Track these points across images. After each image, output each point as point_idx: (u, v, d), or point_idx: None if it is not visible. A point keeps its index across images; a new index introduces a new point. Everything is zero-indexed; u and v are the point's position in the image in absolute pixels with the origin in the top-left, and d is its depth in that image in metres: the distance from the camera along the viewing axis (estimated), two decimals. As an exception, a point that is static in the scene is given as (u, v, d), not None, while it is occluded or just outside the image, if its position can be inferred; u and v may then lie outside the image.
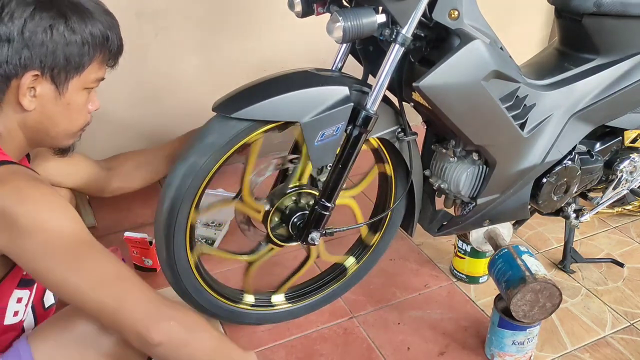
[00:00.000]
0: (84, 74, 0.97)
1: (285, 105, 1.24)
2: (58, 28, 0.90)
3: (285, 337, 1.58)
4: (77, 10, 0.93)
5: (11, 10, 0.87)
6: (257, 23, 2.26)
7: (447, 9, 1.22)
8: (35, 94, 0.94)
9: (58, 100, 0.97)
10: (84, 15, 0.94)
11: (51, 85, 0.95)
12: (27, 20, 0.88)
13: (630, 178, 1.73)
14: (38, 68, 0.92)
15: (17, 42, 0.88)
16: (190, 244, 1.39)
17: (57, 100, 0.97)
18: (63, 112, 0.99)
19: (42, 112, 0.96)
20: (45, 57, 0.91)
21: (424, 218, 1.64)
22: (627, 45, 1.50)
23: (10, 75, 0.91)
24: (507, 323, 1.44)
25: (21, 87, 0.92)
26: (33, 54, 0.90)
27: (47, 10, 0.90)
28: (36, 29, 0.89)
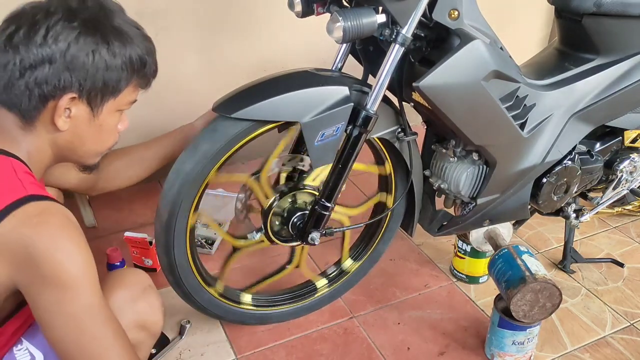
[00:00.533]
0: (119, 97, 0.98)
1: (285, 105, 1.24)
2: (100, 52, 0.91)
3: (285, 337, 1.58)
4: (119, 35, 0.94)
5: (56, 33, 0.88)
6: (257, 23, 2.26)
7: (447, 9, 1.22)
8: (70, 114, 0.94)
9: (91, 122, 0.97)
10: (125, 40, 0.95)
11: (87, 107, 0.95)
12: (71, 43, 0.89)
13: (630, 178, 1.73)
14: (76, 90, 0.92)
15: (59, 64, 0.89)
16: (190, 245, 1.39)
17: (90, 121, 0.97)
18: (95, 133, 1.00)
19: (74, 132, 0.97)
20: (85, 80, 0.92)
21: (424, 218, 1.64)
22: (627, 45, 1.50)
23: (48, 96, 0.91)
24: (507, 323, 1.44)
25: (58, 108, 0.92)
26: (73, 76, 0.91)
27: (91, 34, 0.90)
28: (79, 52, 0.90)
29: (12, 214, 0.85)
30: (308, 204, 1.45)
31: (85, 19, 0.91)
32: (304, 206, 1.45)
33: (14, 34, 0.88)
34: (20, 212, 0.85)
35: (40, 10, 0.90)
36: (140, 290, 1.13)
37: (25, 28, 0.88)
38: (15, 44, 0.88)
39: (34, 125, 0.94)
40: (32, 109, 0.92)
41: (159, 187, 1.98)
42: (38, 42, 0.88)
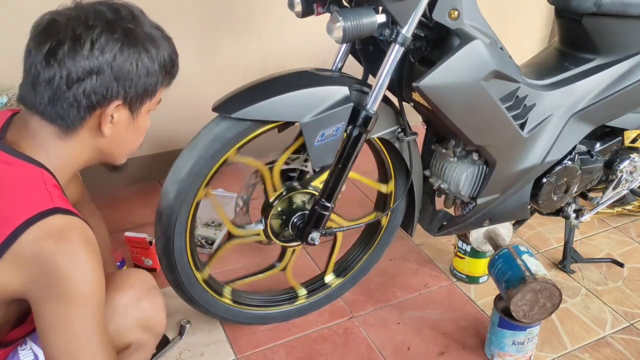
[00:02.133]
0: (154, 98, 1.02)
1: (285, 105, 1.24)
2: (142, 60, 0.95)
3: (285, 337, 1.58)
4: (152, 40, 0.97)
5: (101, 45, 0.90)
6: (257, 23, 2.26)
7: (447, 9, 1.22)
8: (113, 120, 0.97)
9: (130, 125, 1.01)
10: (157, 45, 0.97)
11: (128, 112, 0.98)
12: (116, 54, 0.92)
13: (630, 178, 1.73)
14: (121, 98, 0.95)
15: (106, 75, 0.92)
16: (190, 246, 1.39)
17: (130, 125, 1.01)
18: (132, 134, 1.03)
19: (115, 136, 1.00)
20: (130, 88, 0.95)
21: (424, 218, 1.64)
22: (627, 45, 1.50)
23: (95, 105, 0.94)
24: (507, 323, 1.44)
25: (105, 116, 0.95)
26: (119, 85, 0.94)
27: (133, 45, 0.93)
28: (124, 63, 0.93)
29: (37, 225, 0.86)
30: (307, 202, 1.45)
31: (124, 29, 0.93)
32: (306, 206, 1.45)
33: (57, 49, 0.89)
34: (44, 223, 0.87)
35: (79, 23, 0.91)
36: (145, 290, 1.13)
37: (69, 42, 0.89)
38: (60, 58, 0.89)
39: (76, 134, 0.96)
40: (78, 119, 0.94)
41: (159, 186, 1.98)
42: (85, 55, 0.89)
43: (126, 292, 1.09)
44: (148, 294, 1.13)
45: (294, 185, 1.43)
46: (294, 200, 1.47)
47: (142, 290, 1.12)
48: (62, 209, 0.90)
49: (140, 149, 2.17)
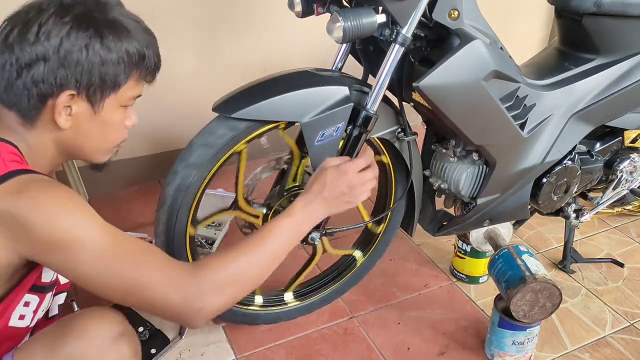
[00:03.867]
0: (120, 91, 0.96)
1: (285, 105, 1.24)
2: (94, 47, 0.90)
3: (286, 337, 1.58)
4: (114, 28, 0.93)
5: (48, 30, 0.87)
6: (257, 23, 2.25)
7: (447, 9, 1.22)
8: (71, 112, 0.93)
9: (94, 119, 0.96)
10: (120, 34, 0.93)
11: (87, 104, 0.94)
12: (63, 39, 0.88)
13: (630, 178, 1.73)
14: (74, 87, 0.91)
15: (53, 62, 0.88)
16: (190, 246, 1.38)
17: (92, 118, 0.96)
18: (98, 129, 0.98)
19: (77, 130, 0.96)
20: (81, 76, 0.91)
21: (424, 218, 1.64)
22: (627, 45, 1.50)
23: (46, 94, 0.90)
24: (507, 323, 1.44)
25: (57, 106, 0.92)
26: (69, 73, 0.90)
27: (83, 29, 0.89)
28: (72, 48, 0.89)
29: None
30: None
31: (77, 14, 0.89)
32: None
33: (9, 34, 0.88)
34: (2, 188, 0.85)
35: (33, 8, 0.89)
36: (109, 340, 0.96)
37: (19, 27, 0.88)
38: (10, 44, 0.88)
39: (35, 124, 0.94)
40: (32, 108, 0.92)
41: (159, 186, 1.98)
42: (31, 40, 0.87)
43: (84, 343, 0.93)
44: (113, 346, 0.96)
45: (266, 203, 1.42)
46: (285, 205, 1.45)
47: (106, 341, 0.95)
48: (16, 170, 0.88)
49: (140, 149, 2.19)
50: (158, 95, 2.19)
